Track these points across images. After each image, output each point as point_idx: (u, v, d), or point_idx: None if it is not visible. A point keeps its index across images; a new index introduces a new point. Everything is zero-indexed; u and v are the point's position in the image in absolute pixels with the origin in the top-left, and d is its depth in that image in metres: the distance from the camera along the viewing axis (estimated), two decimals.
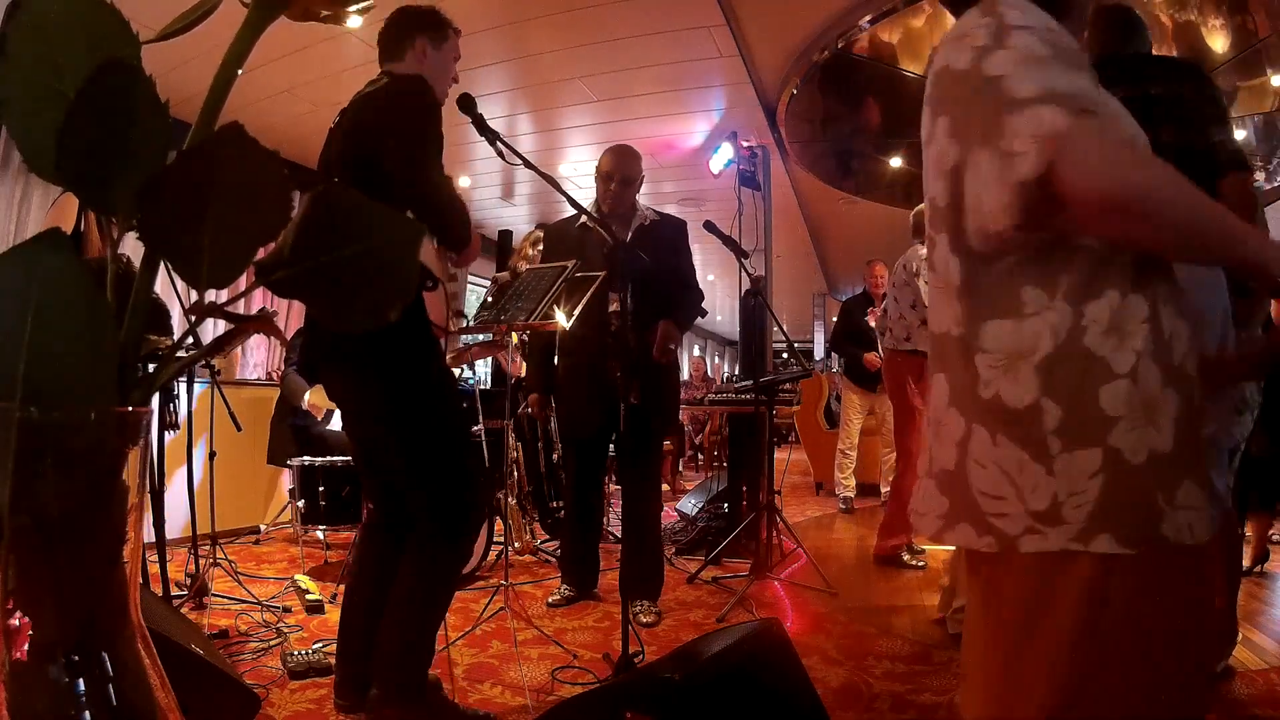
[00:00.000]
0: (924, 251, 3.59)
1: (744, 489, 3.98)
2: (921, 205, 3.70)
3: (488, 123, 1.92)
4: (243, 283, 0.36)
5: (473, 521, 1.83)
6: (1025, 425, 0.80)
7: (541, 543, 3.98)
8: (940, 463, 0.90)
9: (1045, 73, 0.78)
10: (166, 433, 2.75)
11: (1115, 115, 0.82)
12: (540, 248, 4.13)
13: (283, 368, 4.15)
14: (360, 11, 0.40)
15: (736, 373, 14.30)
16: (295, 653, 2.20)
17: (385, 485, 1.87)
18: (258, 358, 5.90)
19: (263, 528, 4.35)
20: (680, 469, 7.60)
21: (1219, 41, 4.66)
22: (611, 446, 3.17)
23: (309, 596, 2.84)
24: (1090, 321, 0.79)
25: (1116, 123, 0.81)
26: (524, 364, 4.07)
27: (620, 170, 3.15)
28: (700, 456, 8.98)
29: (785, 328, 3.91)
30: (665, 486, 6.46)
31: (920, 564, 3.57)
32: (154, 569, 2.66)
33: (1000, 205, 0.78)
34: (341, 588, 2.95)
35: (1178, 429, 0.78)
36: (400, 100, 1.72)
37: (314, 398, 3.70)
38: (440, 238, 1.75)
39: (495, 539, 3.42)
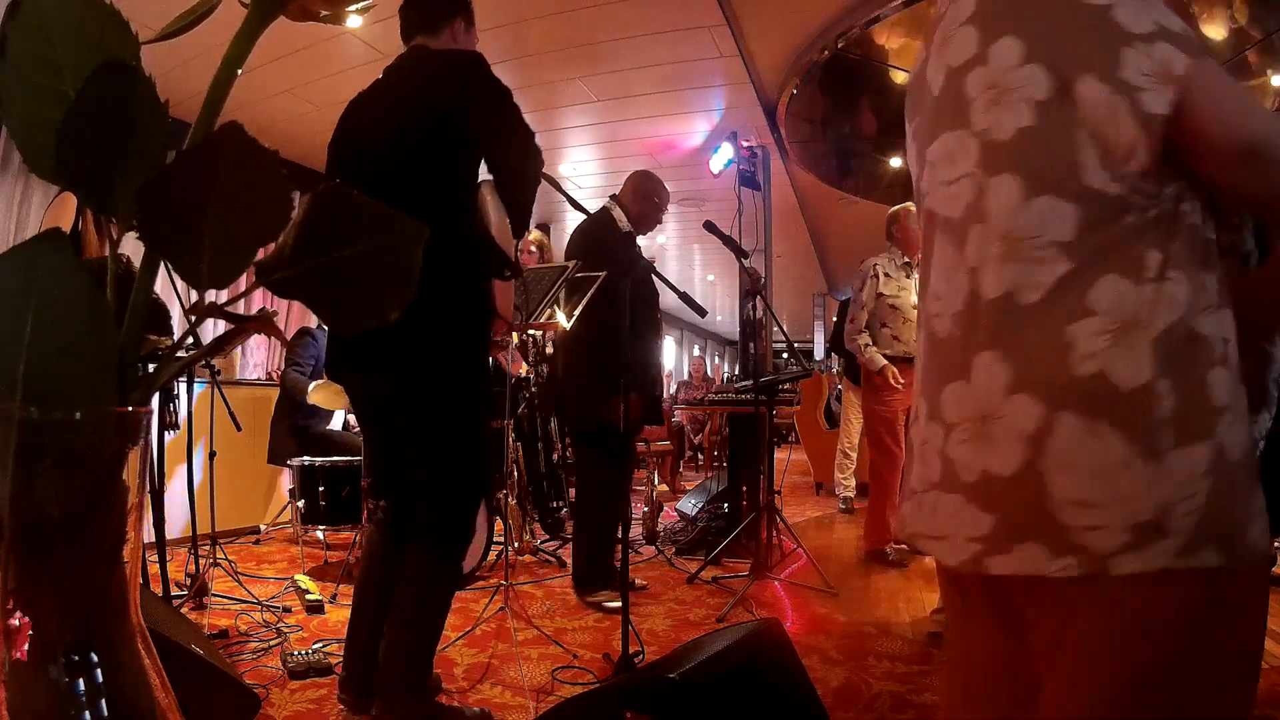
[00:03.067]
0: (879, 257, 3.70)
1: (744, 489, 3.98)
2: (898, 207, 3.80)
3: None
4: (243, 283, 0.36)
5: (470, 527, 1.81)
6: (1135, 411, 0.66)
7: (541, 543, 3.98)
8: (981, 469, 0.74)
9: (1154, 10, 0.70)
10: (166, 433, 2.75)
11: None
12: (535, 250, 4.13)
13: (283, 367, 4.14)
14: (360, 11, 0.40)
15: (736, 373, 14.31)
16: (295, 653, 2.20)
17: (400, 484, 1.83)
18: (258, 358, 5.90)
19: (263, 528, 4.35)
20: (680, 469, 7.59)
21: (1218, 40, 4.66)
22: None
23: (309, 596, 2.84)
24: (1201, 297, 0.69)
25: (1225, 72, 0.72)
26: (524, 364, 4.07)
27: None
28: (700, 456, 8.98)
29: (785, 328, 3.91)
30: (665, 486, 6.46)
31: (902, 562, 3.64)
32: (154, 569, 2.66)
33: (1129, 141, 0.68)
34: (341, 588, 2.95)
35: (1248, 425, 0.69)
36: (484, 75, 1.67)
37: (314, 396, 3.70)
38: (515, 223, 1.70)
39: (495, 539, 3.42)
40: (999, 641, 0.82)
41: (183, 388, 3.00)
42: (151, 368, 0.35)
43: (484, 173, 1.71)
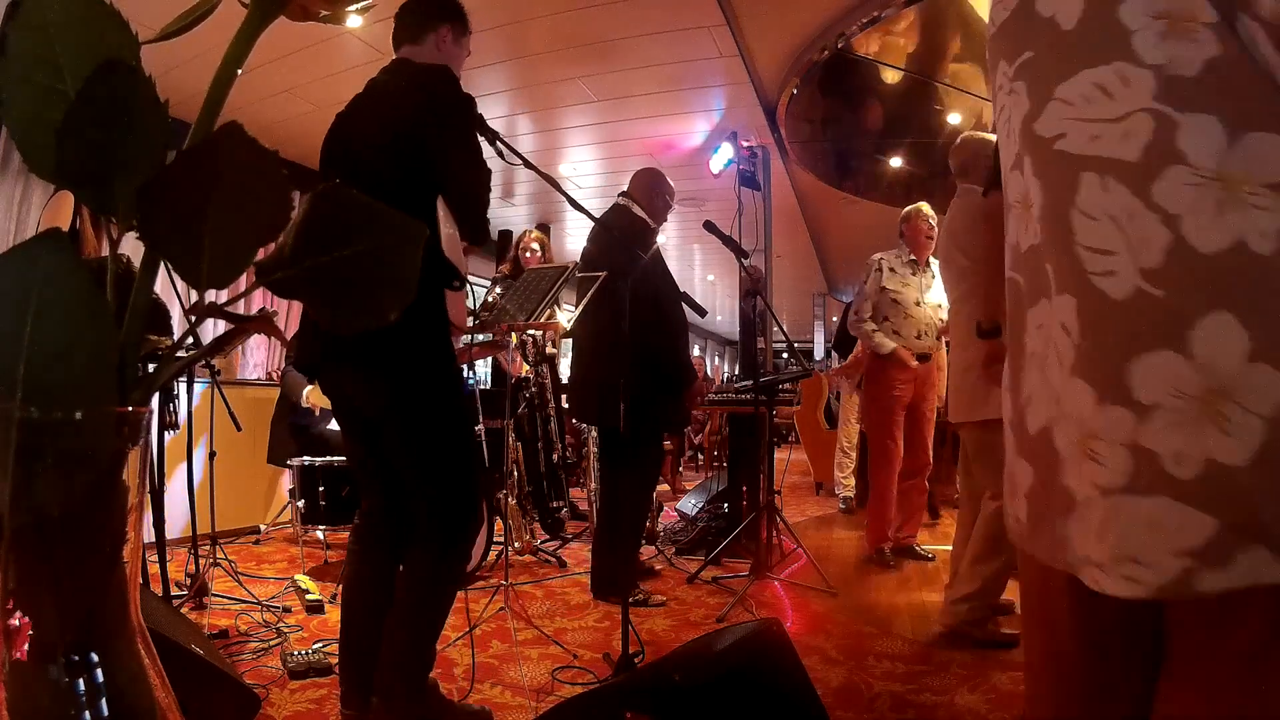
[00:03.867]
0: (885, 253, 3.69)
1: (744, 489, 3.98)
2: (911, 207, 3.82)
3: (487, 122, 1.92)
4: (243, 283, 0.36)
5: (474, 528, 1.81)
6: None
7: (541, 543, 3.98)
8: (1210, 458, 0.59)
9: None
10: (166, 433, 2.75)
11: None
12: (537, 249, 4.13)
13: (283, 366, 4.15)
14: (360, 11, 0.40)
15: (736, 373, 14.31)
16: (295, 653, 2.20)
17: (385, 487, 1.84)
18: (258, 358, 5.90)
19: (263, 528, 4.35)
20: (680, 469, 7.60)
21: None
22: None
23: (309, 596, 2.84)
24: None
25: None
26: (524, 364, 4.08)
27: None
28: (700, 456, 8.98)
29: (785, 328, 3.92)
30: (665, 486, 6.46)
31: (896, 565, 3.63)
32: (154, 569, 2.66)
33: None
34: (341, 588, 2.95)
35: None
36: (443, 90, 1.70)
37: (313, 395, 3.71)
38: (470, 234, 1.74)
39: (495, 539, 3.42)
40: (1095, 664, 0.75)
41: (183, 388, 3.00)
42: (151, 368, 0.35)
43: None
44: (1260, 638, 0.59)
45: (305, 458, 3.46)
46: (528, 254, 4.12)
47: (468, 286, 1.88)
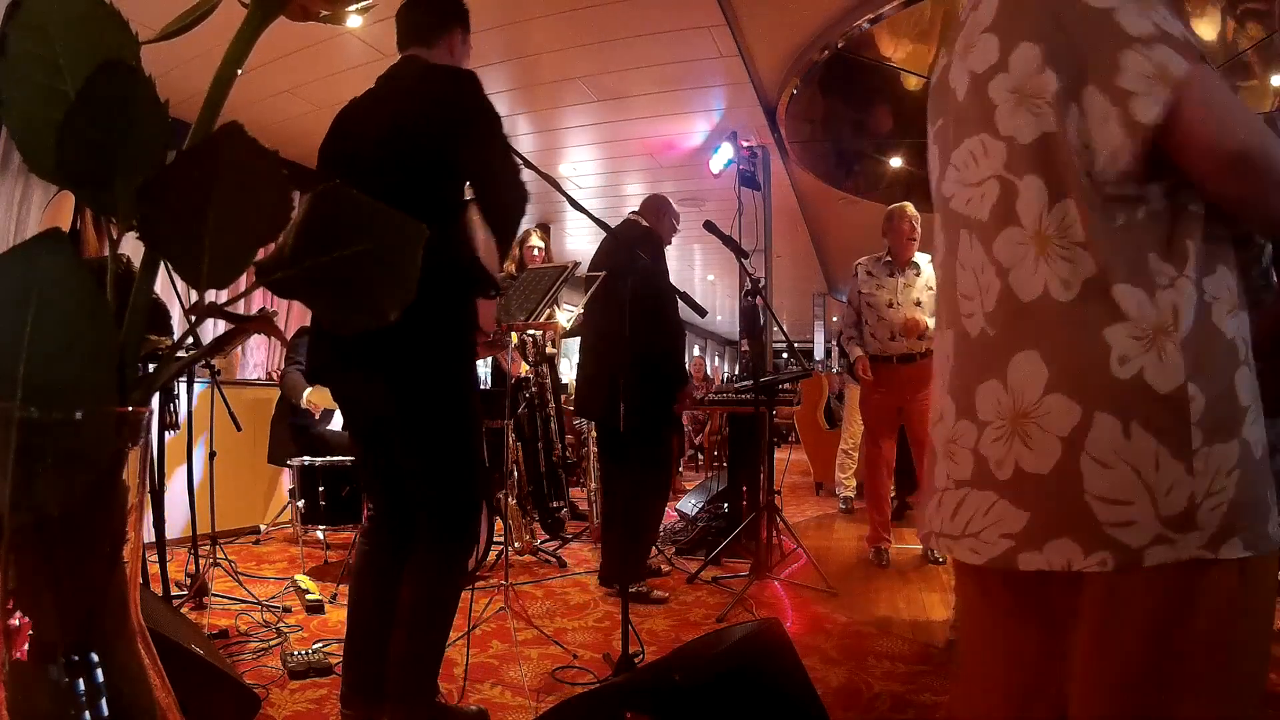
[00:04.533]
0: (864, 258, 3.71)
1: (744, 489, 3.98)
2: (894, 205, 3.83)
3: None
4: (243, 283, 0.36)
5: (476, 528, 1.81)
6: (1169, 414, 0.69)
7: (541, 543, 3.98)
8: (1018, 466, 0.75)
9: (1156, 13, 0.71)
10: (166, 433, 2.75)
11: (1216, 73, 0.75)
12: (541, 247, 4.13)
13: (283, 367, 4.14)
14: (360, 11, 0.40)
15: (736, 373, 14.32)
16: (295, 653, 2.20)
17: (392, 489, 1.82)
18: (258, 358, 5.90)
19: (263, 528, 4.35)
20: (680, 469, 7.60)
21: (1213, 40, 4.66)
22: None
23: (309, 596, 2.84)
24: (1212, 299, 0.71)
25: (1222, 79, 0.74)
26: (524, 364, 4.08)
27: None
28: (700, 456, 8.98)
29: (785, 328, 3.91)
30: None
31: (885, 563, 3.68)
32: (154, 569, 2.66)
33: (1117, 146, 0.71)
34: (341, 588, 2.95)
35: (1262, 422, 0.73)
36: (477, 98, 1.68)
37: (313, 396, 3.70)
38: (505, 242, 1.72)
39: (495, 539, 3.42)
40: (1027, 638, 0.83)
41: (183, 388, 3.00)
42: (151, 368, 0.35)
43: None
44: (1150, 616, 0.71)
45: (305, 458, 3.46)
46: (535, 252, 4.12)
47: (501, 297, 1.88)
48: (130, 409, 0.31)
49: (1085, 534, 0.71)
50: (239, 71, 0.36)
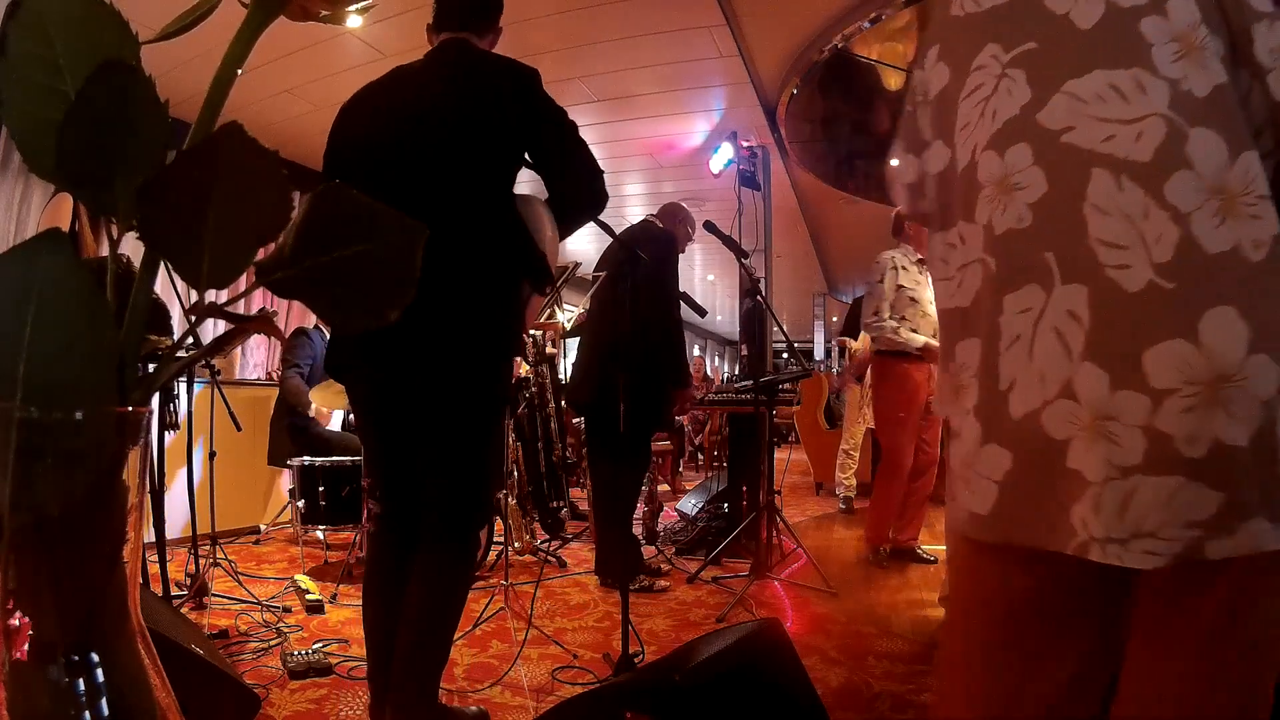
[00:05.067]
0: (895, 251, 3.62)
1: (744, 489, 3.98)
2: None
3: None
4: (243, 283, 0.36)
5: (483, 526, 1.80)
6: None
7: (541, 543, 3.98)
8: (1217, 439, 0.65)
9: None
10: (166, 433, 2.75)
11: None
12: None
13: (280, 370, 4.12)
14: (360, 11, 0.40)
15: (736, 373, 14.32)
16: (295, 653, 2.20)
17: (404, 488, 1.77)
18: (258, 358, 5.90)
19: (263, 528, 4.35)
20: (680, 469, 7.60)
21: None
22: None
23: (309, 596, 2.84)
24: None
25: None
26: (524, 364, 4.08)
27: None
28: (700, 456, 8.98)
29: (785, 328, 3.91)
30: (665, 486, 6.46)
31: (885, 565, 3.62)
32: (154, 569, 2.66)
33: (1262, 120, 0.69)
34: (341, 588, 2.95)
35: None
36: (545, 94, 1.67)
37: (321, 402, 3.70)
38: (568, 232, 1.71)
39: (495, 539, 3.42)
40: (1064, 638, 0.78)
41: (183, 388, 3.00)
42: (151, 368, 0.35)
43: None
44: (1225, 606, 0.66)
45: (305, 458, 3.46)
46: None
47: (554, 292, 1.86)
48: (130, 409, 0.31)
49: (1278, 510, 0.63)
50: (239, 71, 0.36)
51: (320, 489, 3.38)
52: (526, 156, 1.68)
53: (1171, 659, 0.70)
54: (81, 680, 0.30)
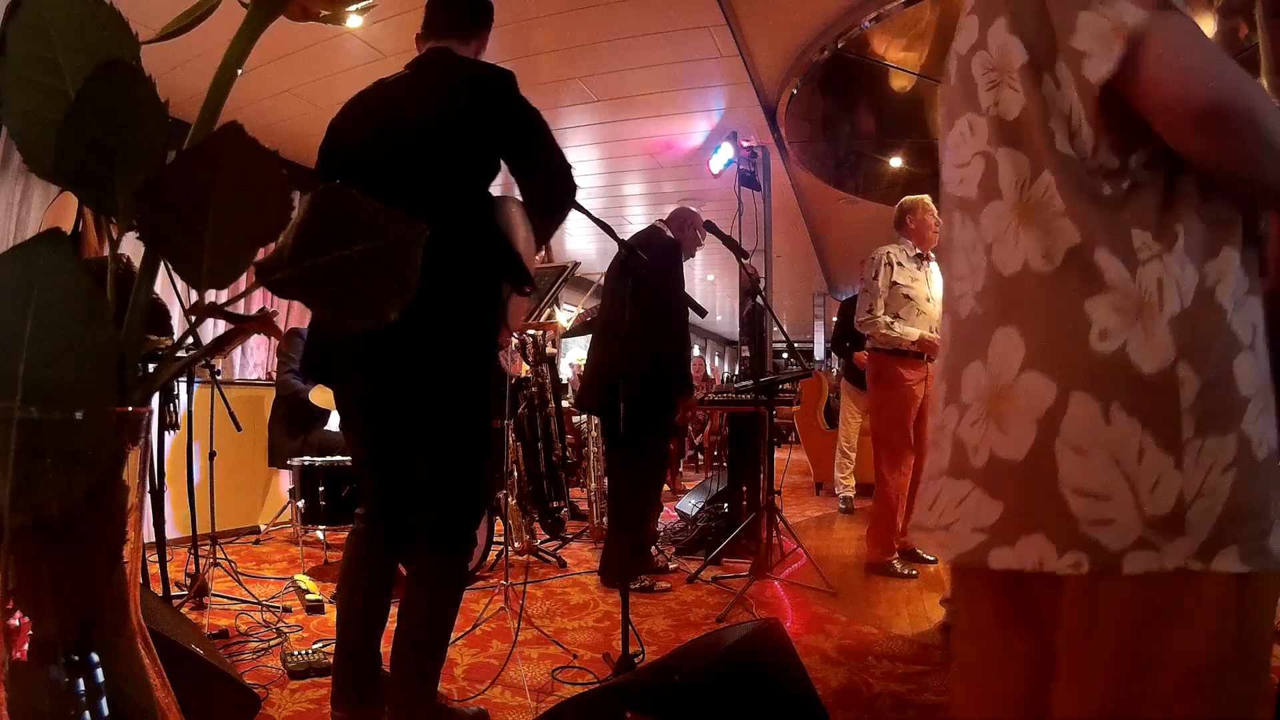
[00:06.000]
0: (890, 247, 3.57)
1: (744, 489, 3.98)
2: (914, 197, 3.73)
3: None
4: (243, 283, 0.36)
5: (475, 534, 1.80)
6: (1155, 397, 0.61)
7: (541, 543, 3.98)
8: (992, 452, 0.69)
9: None
10: (166, 433, 2.75)
11: (1194, 23, 0.67)
12: (545, 252, 4.14)
13: (277, 372, 4.11)
14: (360, 11, 0.40)
15: (736, 373, 14.32)
16: (295, 653, 2.20)
17: (394, 490, 1.79)
18: (258, 358, 5.90)
19: (263, 528, 4.35)
20: (680, 469, 7.60)
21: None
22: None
23: (309, 596, 2.84)
24: (1215, 281, 0.63)
25: (1198, 27, 0.66)
26: (524, 364, 4.08)
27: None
28: (700, 456, 8.98)
29: (785, 328, 3.91)
30: (665, 486, 6.47)
31: (912, 573, 3.46)
32: (154, 569, 2.66)
33: (1076, 111, 0.67)
34: (337, 590, 2.94)
35: (1275, 419, 0.65)
36: (515, 89, 1.69)
37: (316, 396, 3.70)
38: (544, 236, 1.73)
39: (495, 539, 3.42)
40: (1012, 643, 0.78)
41: (183, 388, 3.00)
42: (152, 368, 0.35)
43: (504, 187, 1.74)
44: (1131, 627, 0.64)
45: (305, 458, 3.46)
46: (546, 251, 4.14)
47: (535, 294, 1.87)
48: (130, 409, 0.31)
49: (1059, 531, 0.63)
50: (239, 72, 0.36)
51: (320, 489, 3.38)
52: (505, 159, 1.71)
53: (1060, 674, 0.71)
54: (81, 680, 0.30)
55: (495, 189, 1.73)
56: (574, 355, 6.93)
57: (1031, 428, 0.66)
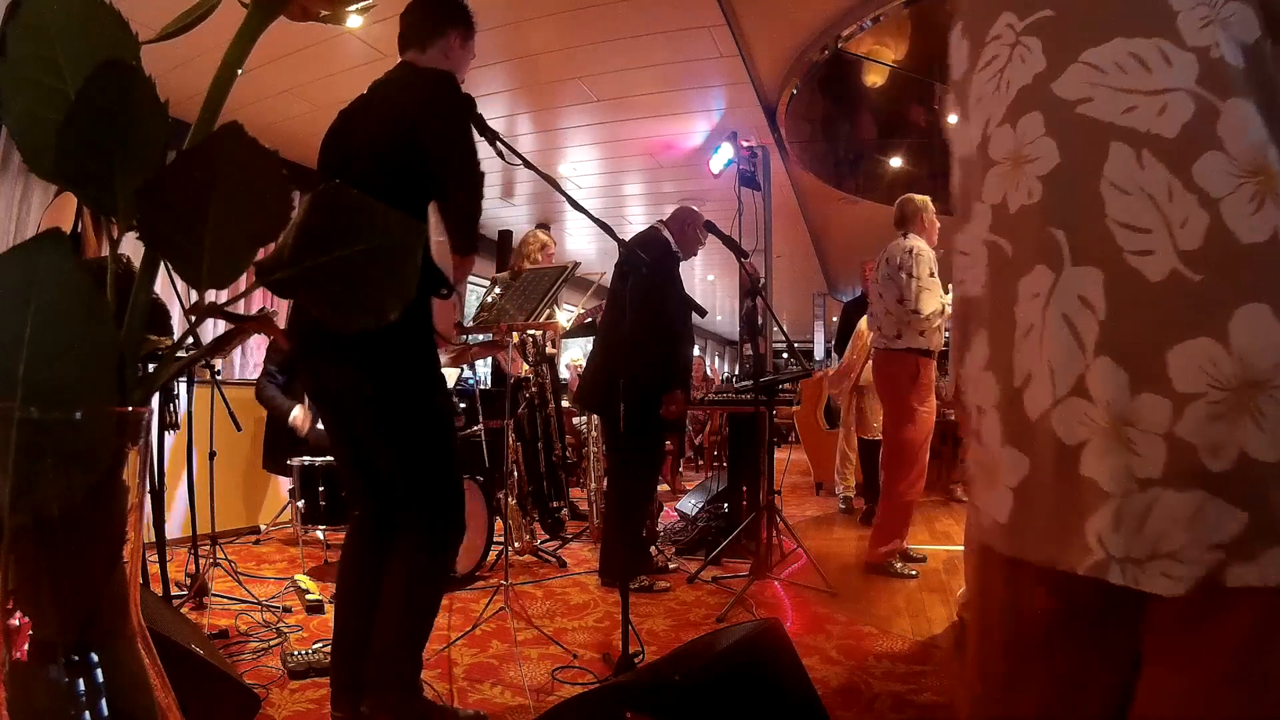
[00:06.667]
0: (907, 243, 3.46)
1: (744, 489, 3.98)
2: (921, 196, 3.71)
3: (488, 123, 1.91)
4: (243, 283, 0.36)
5: (457, 525, 1.80)
6: None
7: (541, 543, 3.98)
8: (1242, 452, 0.59)
9: None
10: (166, 433, 2.75)
11: None
12: (549, 251, 4.14)
13: (258, 379, 4.09)
14: (360, 11, 0.40)
15: (736, 373, 14.32)
16: (295, 653, 2.20)
17: (372, 486, 1.83)
18: (257, 358, 5.89)
19: (263, 528, 4.35)
20: (680, 469, 7.60)
21: None
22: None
23: (309, 596, 2.84)
24: None
25: None
26: (524, 364, 4.08)
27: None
28: (700, 457, 8.98)
29: (785, 328, 3.91)
30: (665, 486, 6.47)
31: (912, 573, 3.43)
32: (154, 569, 2.66)
33: None
34: (335, 590, 2.95)
35: None
36: (441, 93, 1.70)
37: (298, 415, 3.73)
38: (459, 241, 1.74)
39: (495, 539, 3.42)
40: (1073, 663, 0.71)
41: (183, 388, 3.00)
42: (152, 368, 0.35)
43: None
44: (1252, 634, 0.59)
45: (305, 458, 3.46)
46: (550, 250, 4.14)
47: (459, 292, 1.88)
48: (130, 409, 0.31)
49: None
50: (239, 72, 0.36)
51: (320, 489, 3.38)
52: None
53: (1194, 690, 0.63)
54: (81, 680, 0.30)
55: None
56: (569, 356, 6.94)
57: None
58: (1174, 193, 0.62)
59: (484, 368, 6.79)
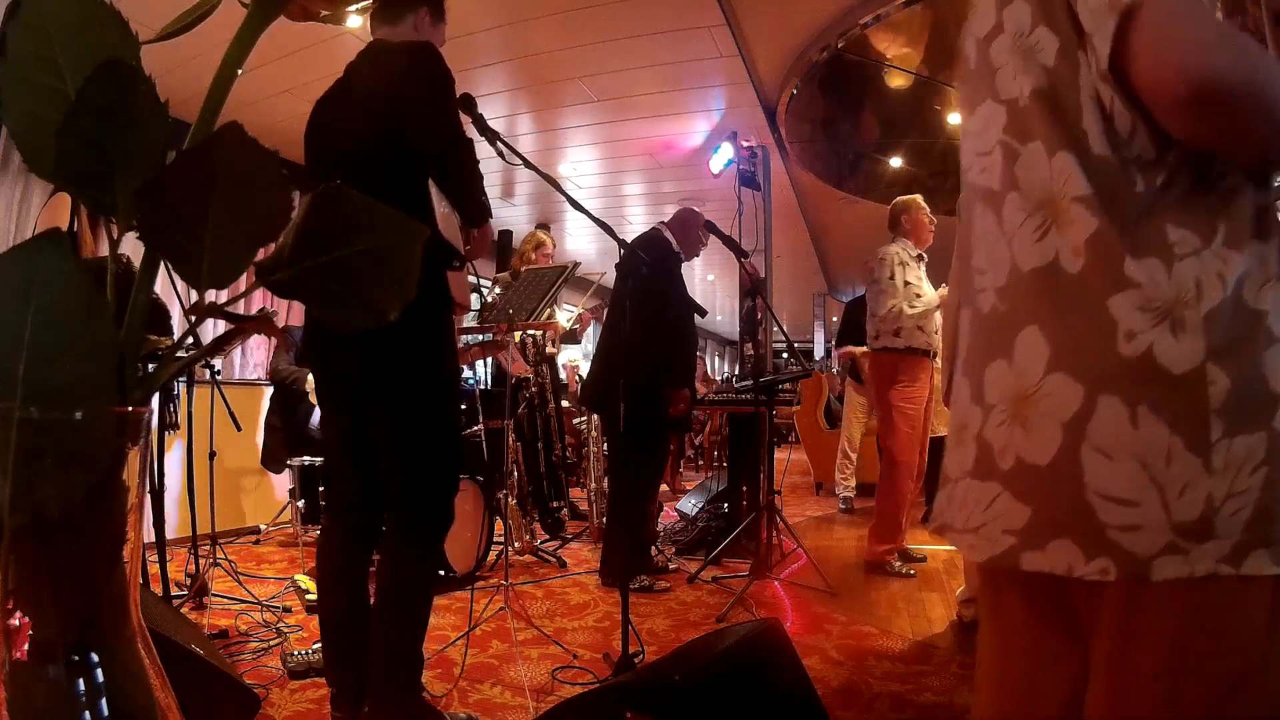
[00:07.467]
0: (881, 249, 3.58)
1: (744, 489, 3.98)
2: (908, 197, 3.75)
3: (487, 123, 1.91)
4: (243, 283, 0.36)
5: (450, 510, 1.79)
6: (1183, 398, 0.59)
7: (541, 543, 3.98)
8: (1019, 455, 0.68)
9: None
10: (166, 432, 2.75)
11: None
12: (545, 250, 4.14)
13: (271, 364, 4.07)
14: (360, 11, 0.40)
15: (736, 372, 14.32)
16: (295, 653, 2.20)
17: (366, 473, 1.79)
18: (258, 358, 5.90)
19: (262, 528, 4.35)
20: (680, 469, 7.60)
21: None
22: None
23: (309, 596, 2.84)
24: (1249, 274, 0.60)
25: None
26: (524, 364, 4.08)
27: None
28: (700, 457, 8.98)
29: (785, 328, 3.91)
30: (665, 486, 6.47)
31: (911, 573, 3.44)
32: (154, 569, 2.66)
33: (1108, 97, 0.62)
34: (317, 589, 2.94)
35: None
36: (422, 61, 1.66)
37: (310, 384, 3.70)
38: (468, 212, 1.71)
39: (495, 539, 3.42)
40: (1040, 639, 0.76)
41: (183, 388, 3.00)
42: (151, 368, 0.35)
43: None
44: (1171, 636, 0.62)
45: (305, 458, 3.46)
46: (546, 249, 4.13)
47: (470, 268, 1.86)
48: (130, 409, 0.31)
49: (1086, 537, 0.62)
50: (239, 71, 0.36)
51: (320, 489, 3.38)
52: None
53: (1127, 690, 0.67)
54: (81, 680, 0.30)
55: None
56: (565, 356, 6.95)
57: (1058, 432, 0.64)
58: (996, 237, 0.74)
59: (484, 368, 6.80)
